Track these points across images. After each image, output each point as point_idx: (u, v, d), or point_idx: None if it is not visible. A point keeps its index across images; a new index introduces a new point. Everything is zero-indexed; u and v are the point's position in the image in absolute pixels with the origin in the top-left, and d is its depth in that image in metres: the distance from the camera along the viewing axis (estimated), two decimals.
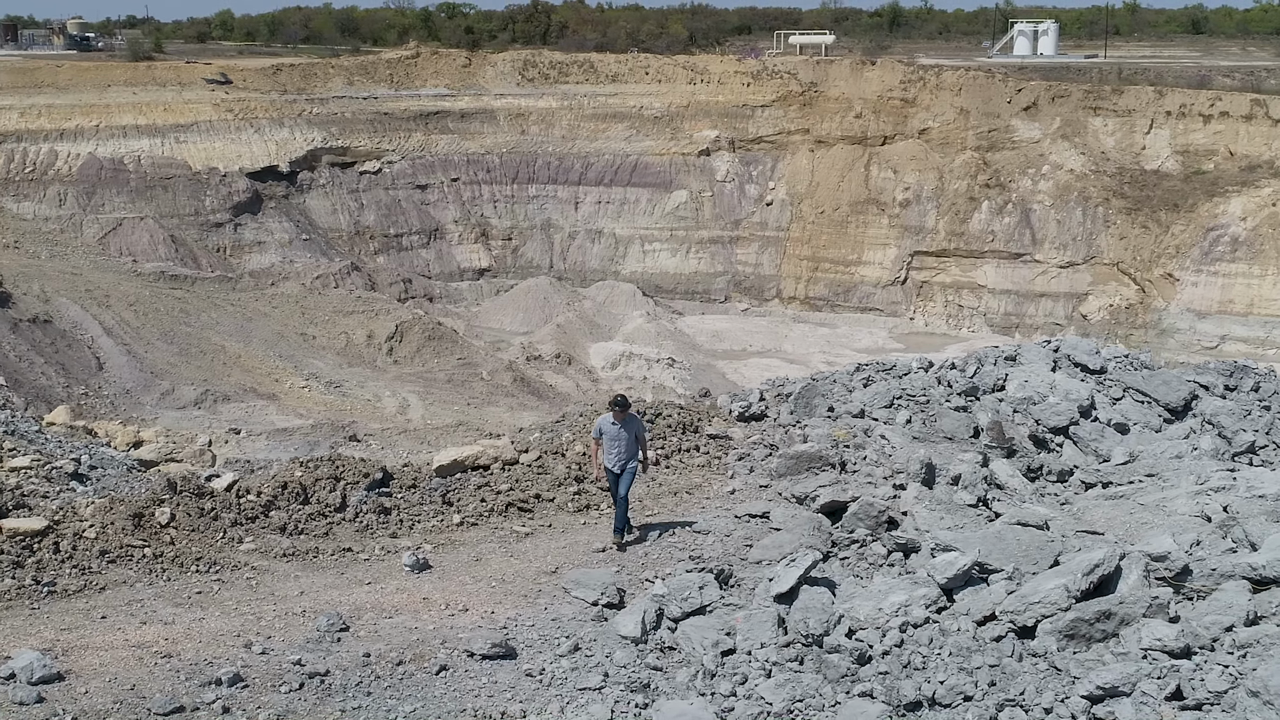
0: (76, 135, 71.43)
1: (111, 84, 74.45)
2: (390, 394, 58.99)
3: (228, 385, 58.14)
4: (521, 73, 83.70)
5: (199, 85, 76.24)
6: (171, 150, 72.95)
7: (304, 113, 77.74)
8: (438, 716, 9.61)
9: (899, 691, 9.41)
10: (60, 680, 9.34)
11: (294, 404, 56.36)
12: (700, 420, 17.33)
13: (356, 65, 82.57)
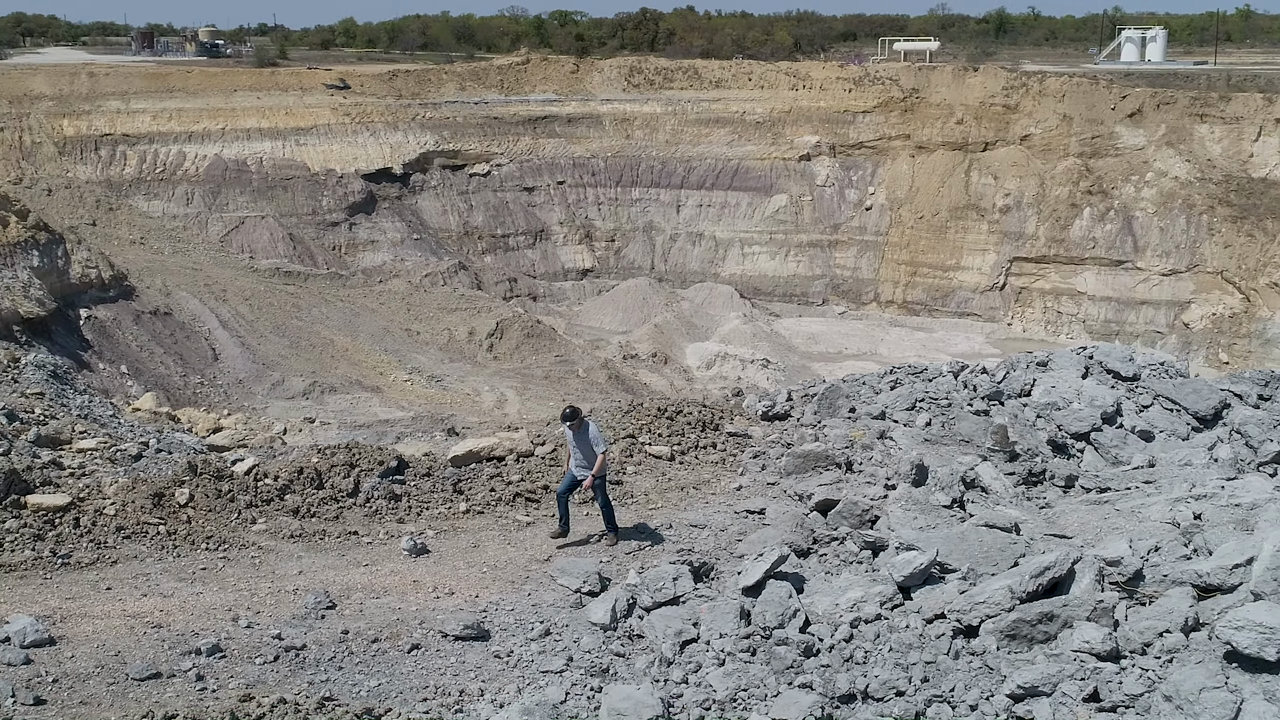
0: (204, 137, 73.88)
1: (237, 89, 76.81)
2: (489, 389, 59.85)
3: (335, 377, 59.67)
4: (627, 78, 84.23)
5: (319, 90, 78.26)
6: (292, 152, 75.02)
7: (417, 117, 79.30)
8: (399, 692, 9.94)
9: (835, 684, 9.49)
10: (51, 644, 9.88)
11: (397, 396, 57.59)
12: (722, 418, 17.44)
13: (468, 71, 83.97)
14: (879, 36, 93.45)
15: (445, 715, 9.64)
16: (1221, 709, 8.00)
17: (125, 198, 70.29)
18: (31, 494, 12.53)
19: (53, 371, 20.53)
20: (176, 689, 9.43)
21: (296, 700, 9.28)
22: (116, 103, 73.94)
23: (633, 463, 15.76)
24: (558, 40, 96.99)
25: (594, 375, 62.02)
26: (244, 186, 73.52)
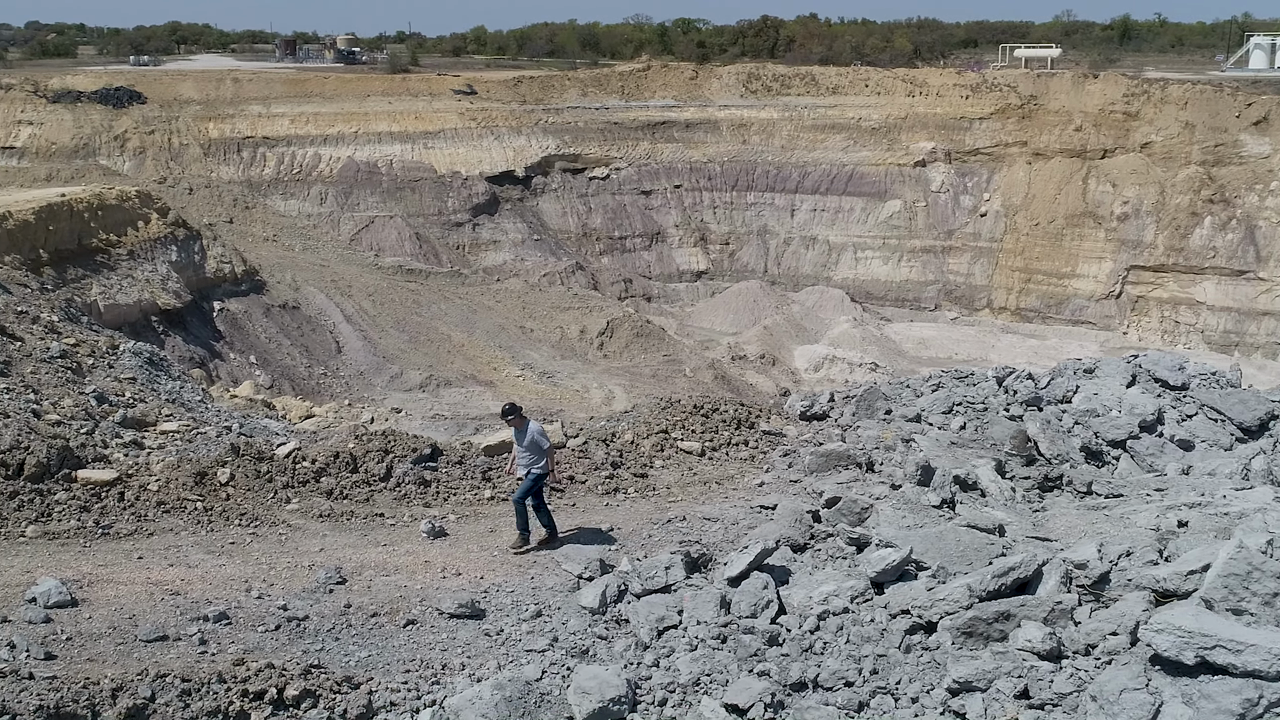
0: (338, 140, 76.17)
1: (370, 94, 79.00)
2: (598, 386, 60.54)
3: (450, 371, 61.06)
4: (745, 85, 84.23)
5: (447, 95, 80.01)
6: (420, 155, 76.87)
7: (540, 122, 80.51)
8: (385, 664, 10.39)
9: (789, 672, 9.62)
10: (73, 606, 10.57)
11: (509, 391, 58.57)
12: (758, 417, 17.57)
13: (590, 78, 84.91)
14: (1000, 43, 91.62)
15: (422, 686, 10.04)
16: (1139, 710, 7.95)
17: (262, 197, 72.85)
18: (82, 469, 13.38)
19: (149, 358, 21.55)
20: (179, 651, 10.01)
21: (284, 666, 9.77)
22: (258, 107, 76.69)
23: (661, 457, 16.01)
24: (680, 47, 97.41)
25: (700, 375, 62.26)
26: (374, 187, 75.57)
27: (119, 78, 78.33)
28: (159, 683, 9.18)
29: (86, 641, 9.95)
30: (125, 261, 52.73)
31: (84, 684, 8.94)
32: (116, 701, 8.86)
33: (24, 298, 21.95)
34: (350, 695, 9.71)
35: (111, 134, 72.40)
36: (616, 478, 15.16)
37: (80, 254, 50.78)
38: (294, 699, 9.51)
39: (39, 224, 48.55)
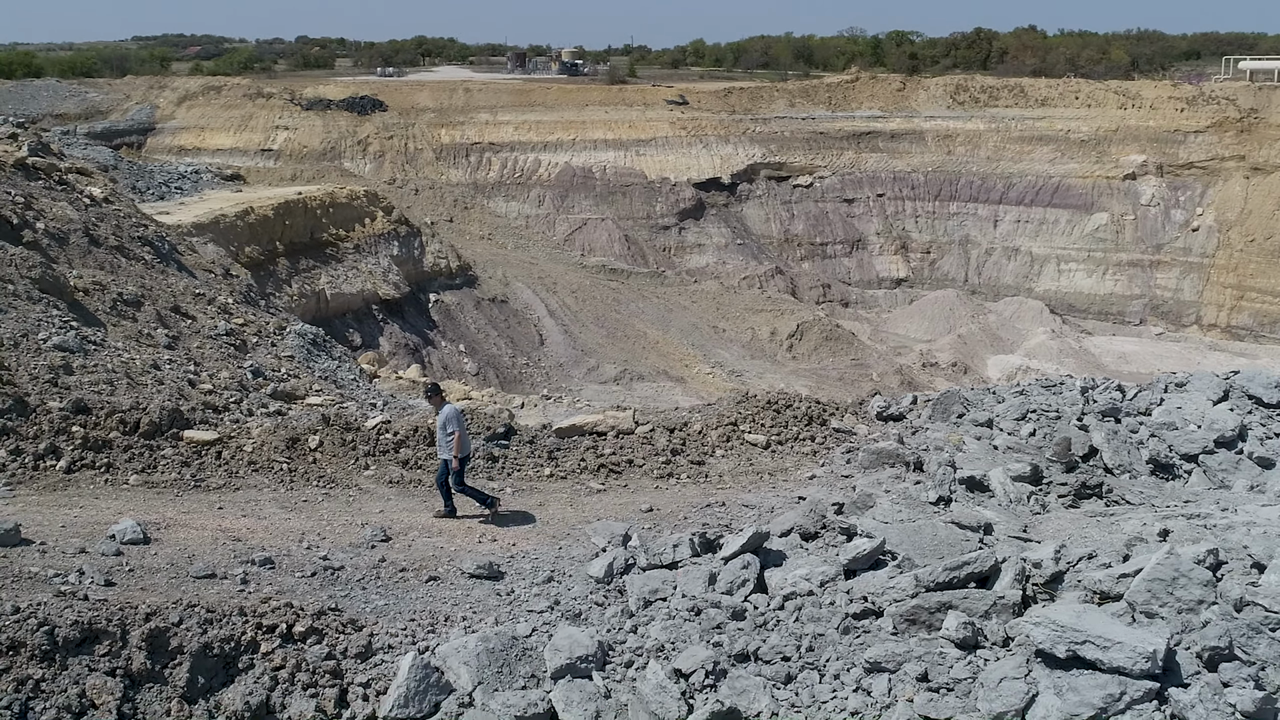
0: (557, 147, 78.69)
1: (589, 104, 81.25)
2: (784, 385, 60.50)
3: (644, 367, 62.33)
4: (952, 96, 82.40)
5: (660, 105, 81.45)
6: (632, 161, 78.57)
7: (748, 131, 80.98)
8: (395, 612, 11.22)
9: (736, 644, 9.97)
10: (145, 544, 11.84)
11: (698, 387, 59.40)
12: (831, 415, 17.65)
13: (799, 89, 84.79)
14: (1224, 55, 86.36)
15: (419, 634, 10.85)
16: (1014, 698, 8.01)
17: (486, 198, 75.98)
18: (189, 429, 14.82)
19: (312, 340, 23.28)
20: (220, 588, 11.12)
21: (302, 606, 10.73)
22: (486, 115, 80.00)
23: (725, 447, 16.35)
24: (892, 59, 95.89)
25: (887, 379, 61.50)
26: (588, 191, 77.67)
27: (365, 87, 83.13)
28: (187, 610, 10.27)
29: (144, 574, 11.18)
30: (351, 254, 56.13)
31: (122, 607, 10.12)
32: (146, 624, 10.00)
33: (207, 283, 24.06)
34: (353, 636, 10.60)
35: (355, 138, 76.97)
36: (672, 464, 15.62)
37: (312, 246, 54.42)
38: (301, 634, 10.46)
39: (277, 219, 52.34)
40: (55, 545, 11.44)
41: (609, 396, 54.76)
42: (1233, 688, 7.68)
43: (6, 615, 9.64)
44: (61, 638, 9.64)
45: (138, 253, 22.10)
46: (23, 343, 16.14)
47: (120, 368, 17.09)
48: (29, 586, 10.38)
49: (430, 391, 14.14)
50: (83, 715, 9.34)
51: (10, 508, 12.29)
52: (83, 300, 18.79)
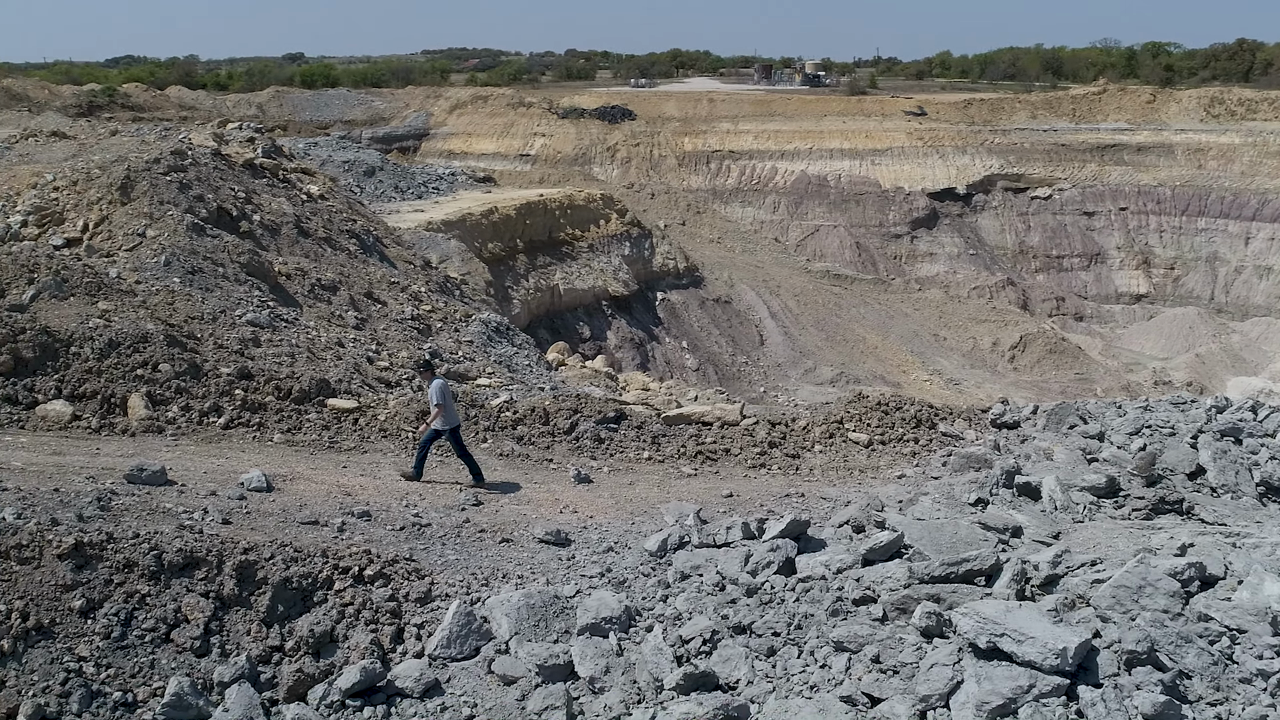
0: (794, 155, 78.79)
1: (827, 114, 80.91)
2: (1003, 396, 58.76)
3: (861, 370, 61.81)
4: (1206, 109, 77.22)
5: (898, 116, 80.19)
6: (866, 170, 77.77)
7: (986, 142, 78.59)
8: (464, 565, 12.16)
9: (738, 618, 10.39)
10: (267, 491, 13.27)
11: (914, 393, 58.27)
12: (941, 419, 17.44)
13: (1041, 100, 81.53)
14: None
15: (474, 585, 11.78)
16: (939, 683, 8.12)
17: (723, 203, 76.93)
18: (333, 397, 16.28)
19: (495, 327, 24.72)
20: (317, 532, 12.39)
21: (377, 553, 11.86)
22: (727, 124, 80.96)
23: (824, 443, 16.53)
24: (1146, 71, 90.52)
25: (1112, 396, 58.53)
26: (822, 199, 77.43)
27: (617, 98, 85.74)
28: (277, 548, 11.56)
29: (258, 517, 12.58)
30: (585, 253, 58.26)
31: (224, 541, 11.51)
32: (240, 557, 11.35)
33: (405, 273, 25.91)
34: (415, 583, 11.63)
35: (605, 145, 79.54)
36: (767, 455, 15.95)
37: (549, 244, 56.87)
38: (370, 577, 11.58)
39: (519, 218, 54.99)
40: (192, 487, 13.01)
41: (824, 398, 54.67)
42: (1142, 691, 7.56)
43: (126, 539, 11.17)
44: (167, 562, 11.08)
45: (343, 244, 24.21)
46: (220, 317, 18.16)
47: (304, 343, 18.90)
48: (157, 518, 11.92)
49: (422, 367, 15.05)
50: (175, 627, 10.71)
51: (169, 454, 14.02)
52: (284, 284, 20.86)
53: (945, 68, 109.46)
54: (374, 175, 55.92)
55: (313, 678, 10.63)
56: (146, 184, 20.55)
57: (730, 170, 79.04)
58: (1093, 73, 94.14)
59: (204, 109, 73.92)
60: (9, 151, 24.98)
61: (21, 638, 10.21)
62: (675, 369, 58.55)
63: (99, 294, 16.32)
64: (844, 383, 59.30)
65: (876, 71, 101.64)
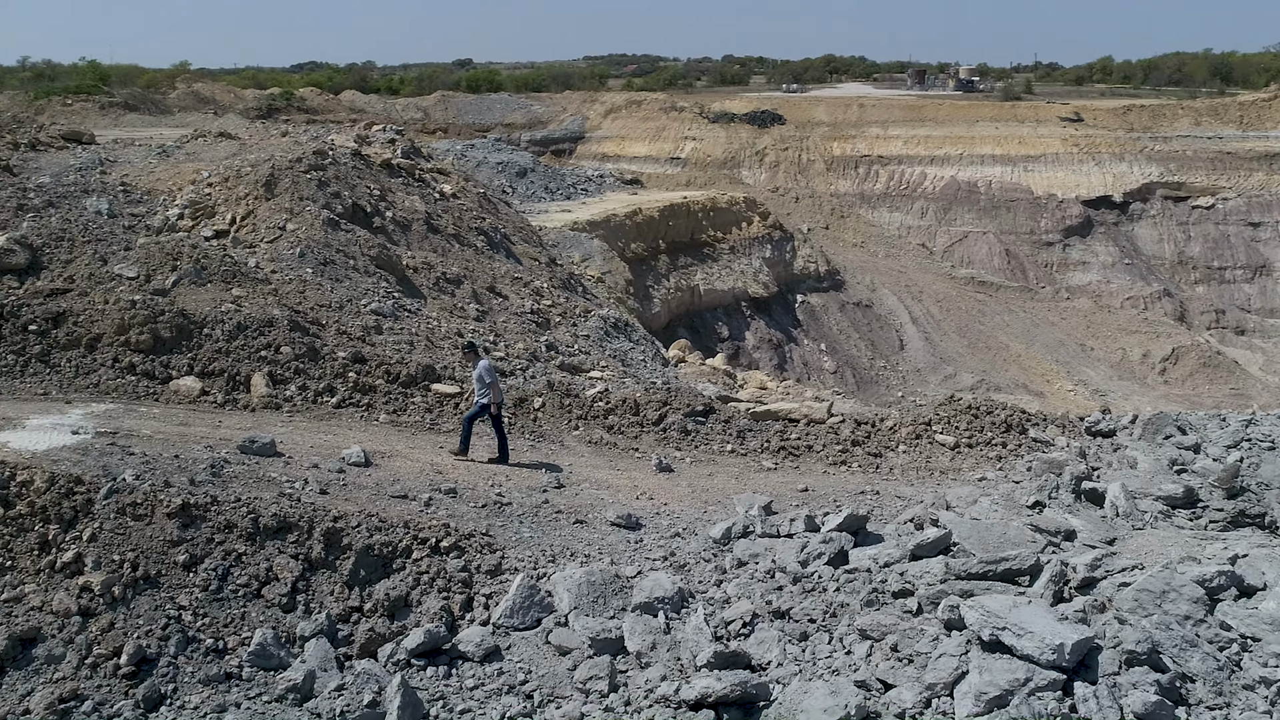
0: (944, 161, 77.27)
1: (979, 120, 79.02)
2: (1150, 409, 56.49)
3: (1002, 378, 60.34)
4: None
5: (1053, 122, 77.76)
6: (1018, 177, 75.69)
7: (1145, 149, 75.53)
8: (536, 542, 12.68)
9: (779, 603, 10.64)
10: (365, 466, 14.04)
11: (1057, 403, 56.69)
12: (1033, 424, 17.12)
13: (1206, 107, 77.80)
14: None
15: (541, 561, 12.31)
16: (944, 672, 8.25)
17: (871, 208, 76.00)
18: (437, 382, 17.04)
19: (614, 324, 25.26)
20: (404, 505, 13.09)
21: (455, 527, 12.50)
22: (876, 129, 79.93)
23: (909, 444, 16.47)
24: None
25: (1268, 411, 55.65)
26: (971, 205, 75.73)
27: (767, 103, 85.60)
28: (364, 517, 12.33)
29: (353, 489, 13.39)
30: (726, 254, 58.52)
31: (316, 508, 12.33)
32: (328, 524, 12.14)
33: (530, 269, 26.71)
34: (487, 556, 12.23)
35: (753, 149, 79.56)
36: (849, 453, 16.00)
37: (691, 245, 57.33)
38: (446, 549, 12.22)
39: (661, 220, 55.62)
40: (297, 459, 13.93)
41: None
42: (1136, 690, 7.54)
43: (229, 502, 12.09)
44: (263, 525, 11.95)
45: (471, 240, 25.17)
46: (347, 305, 19.22)
47: (424, 332, 19.83)
48: (260, 486, 12.83)
49: (468, 349, 15.62)
50: (266, 584, 11.56)
51: (282, 429, 15.01)
52: (411, 276, 21.88)
53: (1106, 73, 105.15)
54: (525, 176, 57.36)
55: (384, 637, 11.34)
56: (289, 181, 21.87)
57: (878, 175, 78.02)
58: (1264, 79, 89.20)
59: (373, 112, 77.02)
60: (178, 151, 26.82)
61: (130, 585, 11.19)
62: (813, 371, 58.29)
63: (233, 281, 17.54)
64: (984, 390, 57.89)
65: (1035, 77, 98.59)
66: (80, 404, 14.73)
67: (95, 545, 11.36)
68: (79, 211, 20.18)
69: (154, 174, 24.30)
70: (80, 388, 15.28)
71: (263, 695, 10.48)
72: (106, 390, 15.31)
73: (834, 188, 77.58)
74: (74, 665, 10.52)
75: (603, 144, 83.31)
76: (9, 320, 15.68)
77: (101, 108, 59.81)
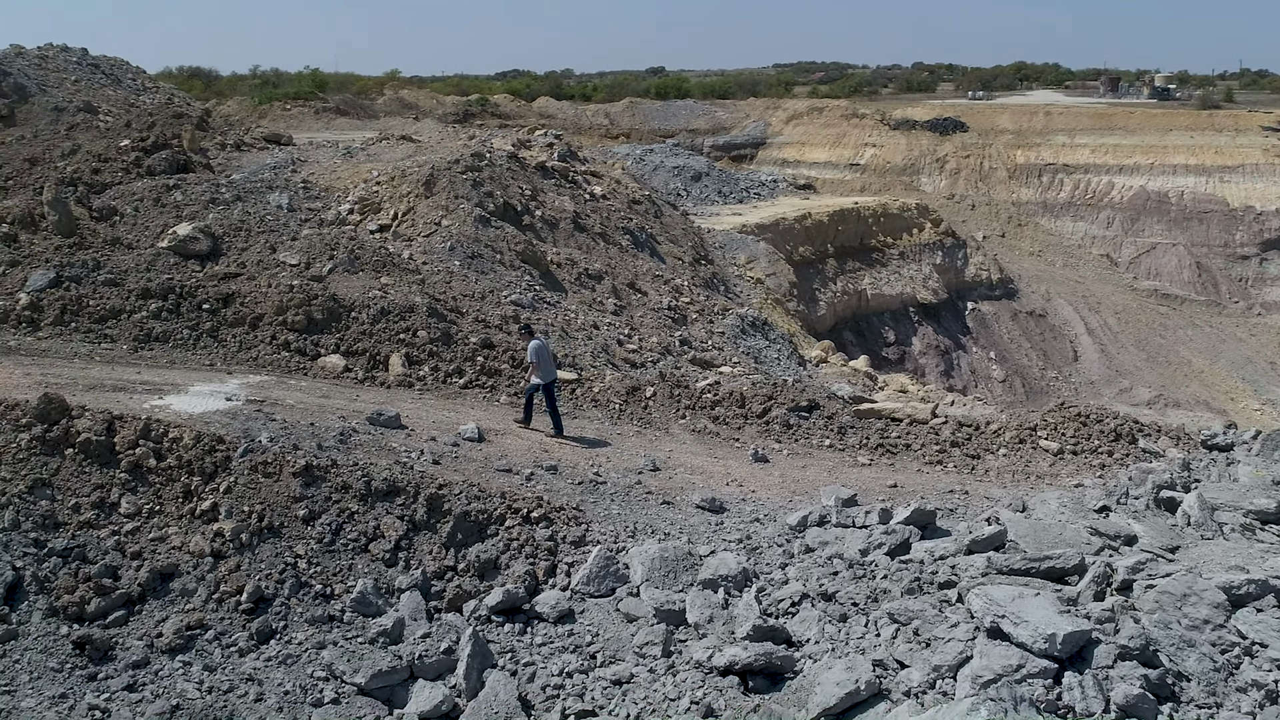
0: (1133, 170, 73.90)
1: (1172, 129, 75.13)
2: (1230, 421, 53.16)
3: (1182, 394, 57.47)
4: None
5: (1253, 131, 73.20)
6: (1213, 188, 71.71)
7: None
8: (622, 519, 13.31)
9: (827, 586, 10.97)
10: (479, 442, 14.96)
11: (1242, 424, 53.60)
12: (1145, 435, 16.59)
13: None
14: None
15: (622, 537, 12.95)
16: (949, 655, 8.48)
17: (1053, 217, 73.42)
18: (558, 369, 17.84)
19: (751, 322, 25.60)
20: (506, 479, 13.95)
21: (547, 499, 13.29)
22: (1063, 137, 77.09)
23: (1010, 448, 16.28)
24: None
25: None
26: (1161, 216, 72.25)
27: (951, 110, 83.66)
28: (466, 486, 13.25)
29: (463, 462, 14.35)
30: (895, 260, 57.77)
31: (424, 476, 13.33)
32: (432, 490, 13.12)
33: (672, 268, 27.31)
34: (574, 528, 12.97)
35: (934, 157, 78.00)
36: (947, 454, 15.96)
37: (860, 251, 56.84)
38: (537, 519, 13.01)
39: (830, 224, 55.41)
40: (418, 432, 15.00)
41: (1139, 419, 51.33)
42: (1123, 684, 7.60)
43: (347, 466, 13.22)
44: (374, 488, 13.02)
45: (616, 239, 25.99)
46: (488, 296, 20.35)
47: (559, 323, 20.77)
48: (380, 454, 13.94)
49: (523, 330, 16.38)
50: (373, 540, 12.61)
51: (411, 405, 16.15)
52: (554, 271, 22.86)
53: None
54: (700, 180, 58.06)
55: (470, 594, 12.22)
56: (446, 181, 23.22)
57: (1063, 184, 75.22)
58: None
59: (562, 118, 79.30)
60: (361, 152, 28.71)
61: (256, 534, 12.43)
62: (980, 379, 56.96)
63: (383, 270, 18.88)
64: (1161, 405, 55.37)
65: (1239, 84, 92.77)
66: (239, 375, 16.26)
67: (230, 497, 12.64)
68: (262, 205, 22.03)
69: (336, 173, 26.14)
70: (241, 361, 16.84)
71: (358, 637, 11.49)
72: (263, 364, 16.82)
73: (1015, 195, 75.28)
74: (203, 599, 11.78)
75: (783, 149, 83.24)
76: (186, 299, 17.40)
77: (316, 112, 63.84)
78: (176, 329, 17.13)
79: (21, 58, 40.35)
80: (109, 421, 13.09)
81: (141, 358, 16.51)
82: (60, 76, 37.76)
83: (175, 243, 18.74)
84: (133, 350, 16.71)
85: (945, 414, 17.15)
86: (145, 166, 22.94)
